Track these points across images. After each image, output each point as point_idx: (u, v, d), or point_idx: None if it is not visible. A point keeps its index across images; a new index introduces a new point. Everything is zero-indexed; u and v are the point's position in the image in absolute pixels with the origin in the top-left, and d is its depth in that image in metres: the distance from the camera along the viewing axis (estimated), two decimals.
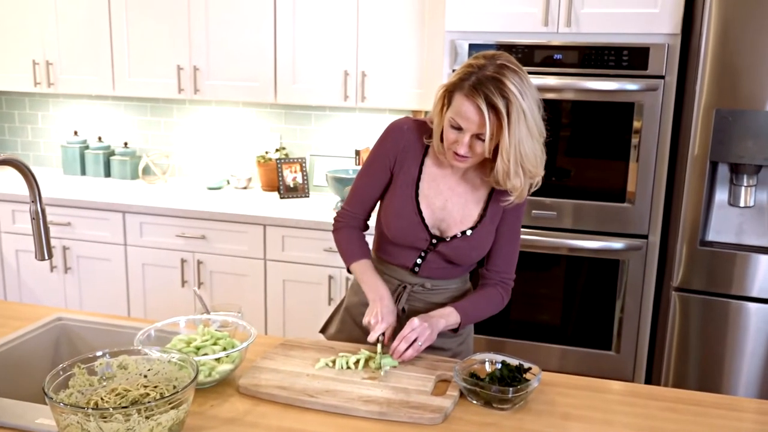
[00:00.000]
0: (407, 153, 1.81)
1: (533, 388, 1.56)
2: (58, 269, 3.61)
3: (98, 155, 4.03)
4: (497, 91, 1.57)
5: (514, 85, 1.58)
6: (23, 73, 3.81)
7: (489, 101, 1.57)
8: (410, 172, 1.82)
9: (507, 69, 1.60)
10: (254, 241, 3.31)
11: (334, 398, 1.54)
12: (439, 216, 1.82)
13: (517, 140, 1.60)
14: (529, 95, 1.61)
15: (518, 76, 1.61)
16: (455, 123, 1.64)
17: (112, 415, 1.22)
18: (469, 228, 1.81)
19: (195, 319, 1.78)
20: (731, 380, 2.71)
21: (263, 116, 3.87)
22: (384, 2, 3.24)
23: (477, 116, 1.59)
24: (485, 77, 1.58)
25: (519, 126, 1.59)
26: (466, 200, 1.82)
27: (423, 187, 1.82)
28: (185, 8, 3.50)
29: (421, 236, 1.81)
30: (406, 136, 1.81)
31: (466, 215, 1.81)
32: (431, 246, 1.82)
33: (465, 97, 1.60)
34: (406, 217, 1.81)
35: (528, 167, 1.66)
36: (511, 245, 1.87)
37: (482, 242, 1.82)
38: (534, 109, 1.62)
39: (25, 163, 1.52)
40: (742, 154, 2.55)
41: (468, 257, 1.84)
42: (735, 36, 2.48)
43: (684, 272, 2.70)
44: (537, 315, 3.09)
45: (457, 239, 1.81)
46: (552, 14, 2.81)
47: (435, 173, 1.82)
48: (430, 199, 1.82)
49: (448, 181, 1.82)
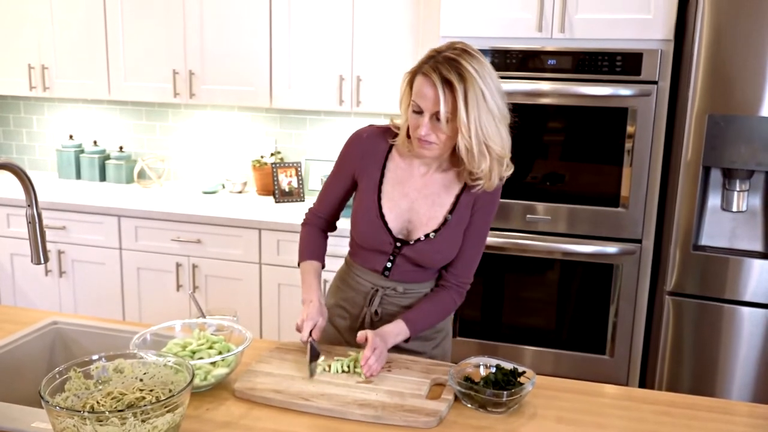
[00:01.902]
0: (368, 159, 1.84)
1: (527, 391, 1.57)
2: (52, 273, 3.61)
3: (93, 159, 4.02)
4: (453, 69, 1.61)
5: (471, 65, 1.61)
6: (19, 77, 3.81)
7: (443, 77, 1.61)
8: (372, 177, 1.83)
9: (464, 53, 1.64)
10: (249, 246, 3.32)
11: (329, 402, 1.54)
12: (405, 218, 1.82)
13: (476, 117, 1.61)
14: (488, 79, 1.63)
15: (476, 60, 1.64)
16: (416, 106, 1.67)
17: (108, 418, 1.23)
18: (433, 231, 1.80)
19: (191, 323, 1.78)
20: (725, 384, 2.73)
21: (258, 120, 3.88)
22: (379, 7, 3.25)
23: (432, 93, 1.62)
24: (442, 58, 1.63)
25: (477, 104, 1.61)
26: (433, 202, 1.81)
27: (386, 190, 1.83)
28: (180, 13, 3.51)
29: (385, 240, 1.82)
30: (365, 143, 1.85)
31: (431, 217, 1.81)
32: (396, 249, 1.82)
33: (422, 77, 1.65)
34: (369, 221, 1.82)
35: (492, 146, 1.66)
36: (473, 250, 1.86)
37: (447, 246, 1.82)
38: (494, 92, 1.64)
39: (21, 168, 1.52)
40: (734, 159, 2.56)
41: (433, 260, 1.84)
42: (728, 42, 2.50)
43: (677, 277, 2.71)
44: (531, 319, 3.10)
45: (421, 242, 1.81)
46: (546, 20, 2.82)
47: (401, 175, 1.83)
48: (394, 202, 1.82)
49: (416, 182, 1.82)
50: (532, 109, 2.91)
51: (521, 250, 3.00)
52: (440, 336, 1.96)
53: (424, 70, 1.64)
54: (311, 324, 1.74)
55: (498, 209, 3.01)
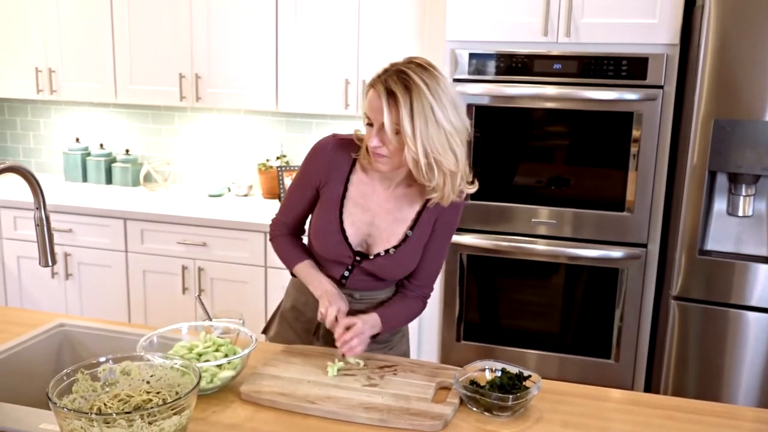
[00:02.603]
0: (332, 171, 1.82)
1: (533, 395, 1.57)
2: (59, 276, 3.62)
3: (100, 162, 4.04)
4: (399, 81, 1.60)
5: (420, 78, 1.60)
6: (26, 80, 3.83)
7: (387, 87, 1.60)
8: (335, 190, 1.82)
9: (416, 65, 1.64)
10: (255, 249, 3.32)
11: (335, 405, 1.55)
12: (365, 232, 1.82)
13: (423, 130, 1.59)
14: (440, 92, 1.62)
15: (428, 72, 1.63)
16: (366, 118, 1.68)
17: (115, 420, 1.23)
18: (393, 247, 1.80)
19: (197, 325, 1.79)
20: (730, 389, 2.72)
21: (264, 124, 3.89)
22: (385, 11, 3.26)
23: (378, 104, 1.62)
24: (392, 70, 1.64)
25: (424, 116, 1.59)
26: (395, 218, 1.81)
27: (348, 204, 1.82)
28: (187, 16, 3.52)
29: (345, 253, 1.82)
30: (330, 155, 1.83)
31: (392, 233, 1.81)
32: (356, 262, 1.83)
33: (371, 89, 1.65)
34: (329, 234, 1.82)
35: (441, 161, 1.64)
36: (434, 263, 1.88)
37: (406, 261, 1.82)
38: (446, 106, 1.62)
39: (30, 171, 1.53)
40: (740, 164, 2.56)
41: (392, 274, 1.85)
42: (733, 46, 2.50)
43: (683, 281, 2.71)
44: (536, 323, 3.10)
45: (380, 257, 1.81)
46: (552, 24, 2.83)
47: (363, 190, 1.82)
48: (355, 216, 1.81)
49: (378, 197, 1.81)
50: (538, 113, 2.92)
51: (526, 254, 3.00)
52: (396, 338, 1.97)
53: (373, 82, 1.65)
54: (335, 310, 1.75)
55: (503, 213, 3.03)
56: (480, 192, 2.95)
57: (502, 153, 3.02)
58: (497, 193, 3.00)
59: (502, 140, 3.00)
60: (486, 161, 2.99)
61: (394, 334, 1.96)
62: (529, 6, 2.84)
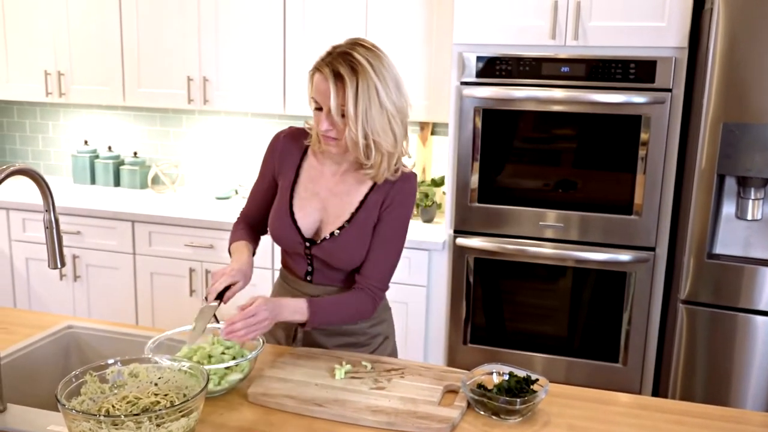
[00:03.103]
0: (284, 159, 1.86)
1: (540, 399, 1.56)
2: (67, 278, 3.64)
3: (108, 165, 4.06)
4: (344, 62, 1.62)
5: (364, 57, 1.62)
6: (35, 83, 3.85)
7: (333, 69, 1.62)
8: (287, 177, 1.85)
9: (359, 45, 1.66)
10: (262, 251, 3.30)
11: (342, 408, 1.55)
12: (315, 218, 1.82)
13: (365, 111, 1.61)
14: (384, 72, 1.64)
15: (371, 52, 1.65)
16: (314, 102, 1.68)
17: (123, 422, 1.24)
18: (338, 228, 1.80)
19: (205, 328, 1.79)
20: (738, 393, 2.71)
21: (272, 126, 3.89)
22: (392, 15, 3.27)
23: (325, 87, 1.63)
24: (337, 52, 1.65)
25: (369, 98, 1.61)
26: (342, 201, 1.81)
27: (299, 190, 1.84)
28: (195, 19, 3.53)
29: (296, 239, 1.82)
30: (282, 142, 1.87)
31: (339, 216, 1.80)
32: (307, 249, 1.82)
33: (317, 72, 1.66)
34: (280, 220, 1.83)
35: (380, 142, 1.65)
36: (380, 251, 1.80)
37: (352, 244, 1.79)
38: (389, 87, 1.65)
39: (39, 174, 1.54)
40: (749, 168, 2.55)
41: (340, 260, 1.80)
42: (742, 49, 2.49)
43: (691, 285, 2.70)
44: (544, 327, 3.09)
45: (326, 241, 1.80)
46: (559, 27, 2.82)
47: (314, 175, 1.83)
48: (305, 201, 1.82)
49: (327, 182, 1.82)
50: (545, 117, 2.91)
51: (533, 258, 2.99)
52: (377, 341, 1.93)
53: (318, 65, 1.66)
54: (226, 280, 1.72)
55: (510, 216, 3.02)
56: (487, 195, 2.99)
57: (509, 156, 3.01)
58: (504, 196, 3.00)
59: (509, 143, 3.00)
60: (493, 164, 2.99)
61: (373, 337, 1.92)
62: (537, 9, 2.84)
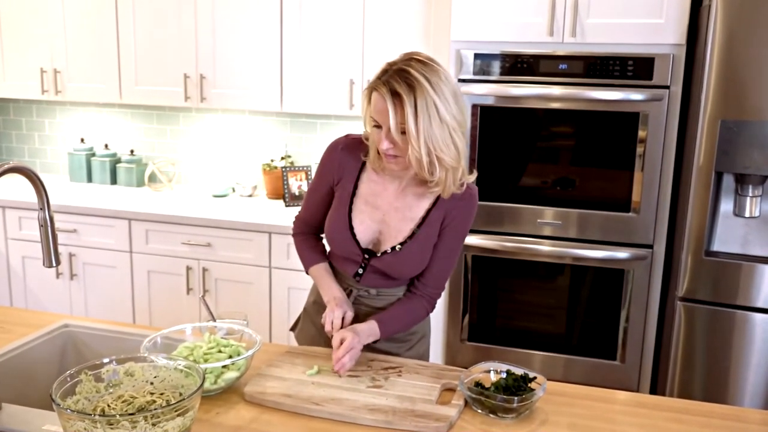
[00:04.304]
0: (344, 170, 1.85)
1: (538, 397, 1.56)
2: (63, 276, 3.63)
3: (104, 162, 4.04)
4: (402, 80, 1.60)
5: (420, 73, 1.61)
6: (31, 80, 3.84)
7: (392, 89, 1.60)
8: (346, 189, 1.84)
9: (415, 61, 1.65)
10: (259, 249, 3.32)
11: (339, 406, 1.54)
12: (375, 230, 1.83)
13: (426, 128, 1.60)
14: (442, 86, 1.63)
15: (427, 67, 1.64)
16: (373, 121, 1.68)
17: (118, 421, 1.23)
18: (399, 243, 1.81)
19: (201, 326, 1.79)
20: (736, 390, 2.71)
21: (269, 124, 3.89)
22: (390, 12, 3.26)
23: (383, 106, 1.62)
24: (393, 70, 1.64)
25: (429, 114, 1.60)
26: (404, 216, 1.81)
27: (358, 203, 1.83)
28: (192, 17, 3.52)
29: (354, 251, 1.83)
30: (341, 155, 1.85)
31: (400, 231, 1.81)
32: (365, 260, 1.84)
33: (374, 91, 1.65)
34: (338, 232, 1.84)
35: (443, 158, 1.65)
36: (445, 262, 1.86)
37: (413, 259, 1.82)
38: (448, 100, 1.63)
39: (34, 171, 1.53)
40: (747, 165, 2.55)
41: (401, 273, 1.84)
42: (740, 46, 2.49)
43: (689, 282, 2.69)
44: (542, 324, 3.09)
45: (387, 255, 1.81)
46: (557, 24, 2.82)
47: (374, 189, 1.83)
48: (365, 215, 1.83)
49: (388, 196, 1.82)
50: (543, 114, 2.91)
51: (531, 255, 2.99)
52: (414, 338, 1.96)
53: (376, 85, 1.65)
54: (340, 313, 1.78)
55: (508, 213, 3.02)
56: (485, 193, 2.98)
57: (507, 153, 3.01)
58: (502, 193, 2.99)
59: (507, 141, 2.99)
60: (491, 162, 2.98)
61: (412, 334, 1.94)
62: (535, 6, 2.83)
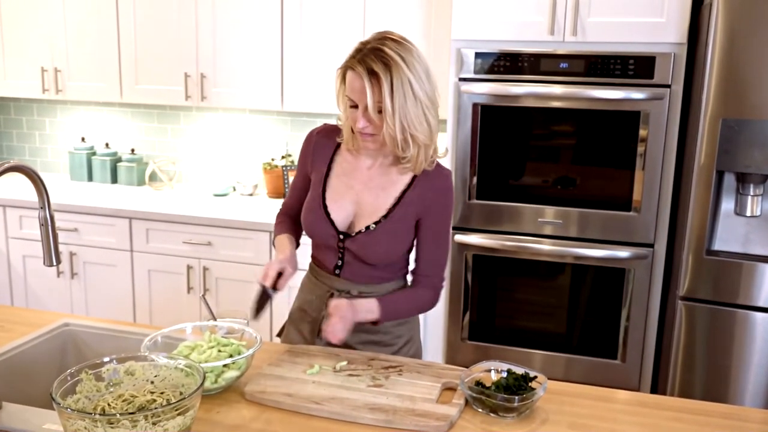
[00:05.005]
0: (317, 154, 1.88)
1: (539, 396, 1.56)
2: (64, 275, 3.63)
3: (105, 161, 4.04)
4: (377, 58, 1.62)
5: (395, 52, 1.63)
6: (32, 79, 3.83)
7: (367, 66, 1.62)
8: (320, 171, 1.86)
9: (389, 39, 1.67)
10: (260, 248, 3.32)
11: (340, 405, 1.54)
12: (349, 210, 1.82)
13: (401, 106, 1.62)
14: (416, 64, 1.65)
15: (401, 45, 1.66)
16: (349, 100, 1.69)
17: (119, 421, 1.23)
18: (374, 222, 1.80)
19: (201, 325, 1.78)
20: (737, 390, 2.70)
21: (269, 123, 3.88)
22: (390, 11, 3.25)
23: (360, 85, 1.63)
24: (368, 49, 1.65)
25: (403, 92, 1.62)
26: (377, 195, 1.81)
27: (332, 183, 1.84)
28: (193, 16, 3.52)
29: (329, 232, 1.82)
30: (315, 139, 1.90)
31: (376, 209, 1.80)
32: (341, 243, 1.82)
33: (350, 70, 1.66)
34: (313, 212, 1.84)
35: (417, 135, 1.67)
36: (436, 247, 1.84)
37: (389, 238, 1.80)
38: (422, 78, 1.66)
39: (34, 170, 1.53)
40: (748, 164, 2.54)
41: (375, 254, 1.81)
42: (741, 45, 2.48)
43: (690, 281, 2.69)
44: (542, 323, 3.09)
45: (362, 234, 1.80)
46: (558, 23, 2.81)
47: (347, 168, 1.84)
48: (339, 194, 1.83)
49: (362, 175, 1.83)
50: (544, 113, 2.91)
51: (532, 254, 2.98)
52: (400, 341, 1.92)
53: (351, 64, 1.66)
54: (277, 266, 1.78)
55: (509, 212, 3.02)
56: (486, 192, 2.98)
57: (507, 152, 3.00)
58: (503, 192, 2.99)
59: (508, 140, 2.99)
60: (491, 161, 2.98)
61: (398, 337, 1.92)
62: (536, 5, 2.83)
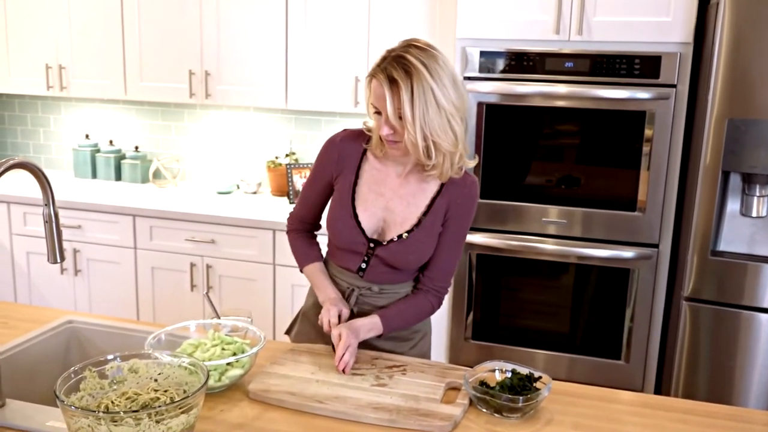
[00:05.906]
0: (343, 162, 1.85)
1: (543, 397, 1.55)
2: (68, 272, 3.63)
3: (109, 159, 4.04)
4: (399, 66, 1.62)
5: (418, 59, 1.62)
6: (36, 76, 3.84)
7: (389, 75, 1.62)
8: (347, 179, 1.84)
9: (413, 47, 1.66)
10: (264, 246, 3.32)
11: (343, 405, 1.54)
12: (379, 218, 1.82)
13: (422, 113, 1.61)
14: (439, 71, 1.63)
15: (426, 52, 1.64)
16: (373, 107, 1.69)
17: (122, 418, 1.22)
18: (406, 232, 1.80)
19: (205, 323, 1.78)
20: (741, 391, 2.70)
21: (274, 121, 3.88)
22: (395, 9, 3.25)
23: (381, 91, 1.63)
24: (391, 57, 1.65)
25: (425, 99, 1.61)
26: (408, 203, 1.81)
27: (361, 191, 1.83)
28: (197, 13, 3.52)
29: (359, 240, 1.82)
30: (339, 146, 1.86)
31: (406, 218, 1.81)
32: (370, 250, 1.82)
33: (374, 78, 1.66)
34: (343, 221, 1.83)
35: (440, 143, 1.66)
36: (450, 254, 1.85)
37: (420, 247, 1.81)
38: (446, 86, 1.64)
39: (38, 167, 1.52)
40: (754, 164, 2.53)
41: (406, 262, 1.83)
42: (748, 45, 2.47)
43: (695, 282, 2.68)
44: (546, 323, 3.08)
45: (394, 243, 1.80)
46: (564, 22, 2.80)
47: (376, 176, 1.83)
48: (369, 203, 1.82)
49: (391, 183, 1.82)
50: (549, 112, 2.90)
51: (536, 254, 2.98)
52: (417, 336, 1.94)
53: (375, 72, 1.66)
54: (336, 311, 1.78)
55: (513, 212, 3.01)
56: (490, 191, 2.98)
57: (512, 152, 3.00)
58: (507, 192, 2.98)
59: (513, 139, 2.98)
60: (496, 160, 2.97)
61: (415, 332, 1.93)
62: (541, 4, 2.82)
